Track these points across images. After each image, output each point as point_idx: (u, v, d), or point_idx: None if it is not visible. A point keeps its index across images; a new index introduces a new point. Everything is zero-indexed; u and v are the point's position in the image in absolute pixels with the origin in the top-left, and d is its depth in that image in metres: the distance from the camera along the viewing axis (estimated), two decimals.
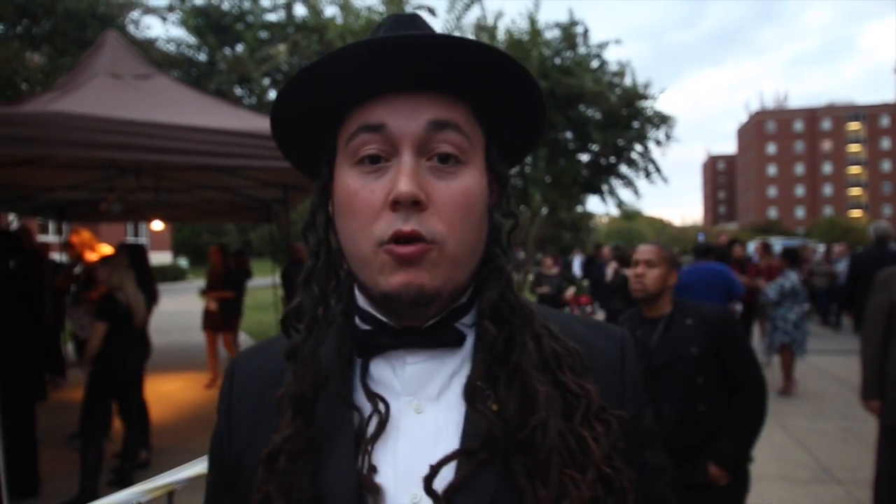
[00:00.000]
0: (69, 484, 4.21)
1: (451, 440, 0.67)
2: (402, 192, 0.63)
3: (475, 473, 0.65)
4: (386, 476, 0.66)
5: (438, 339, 0.71)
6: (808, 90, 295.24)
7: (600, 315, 10.92)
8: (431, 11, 9.57)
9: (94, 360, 4.33)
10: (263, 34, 9.78)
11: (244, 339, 10.77)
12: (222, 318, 7.74)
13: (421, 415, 0.69)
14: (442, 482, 0.64)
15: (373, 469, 0.66)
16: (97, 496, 4.11)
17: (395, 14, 0.74)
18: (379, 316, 0.72)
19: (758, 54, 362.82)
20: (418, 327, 0.71)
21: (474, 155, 0.70)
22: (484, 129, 0.73)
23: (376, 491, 0.65)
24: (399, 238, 0.64)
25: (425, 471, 0.65)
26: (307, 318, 0.71)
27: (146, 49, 8.89)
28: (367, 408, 0.70)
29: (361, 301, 0.75)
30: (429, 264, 0.65)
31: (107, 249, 6.08)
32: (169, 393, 7.37)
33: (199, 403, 7.00)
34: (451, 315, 0.72)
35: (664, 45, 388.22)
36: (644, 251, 2.69)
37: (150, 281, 5.48)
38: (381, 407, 0.69)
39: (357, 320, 0.75)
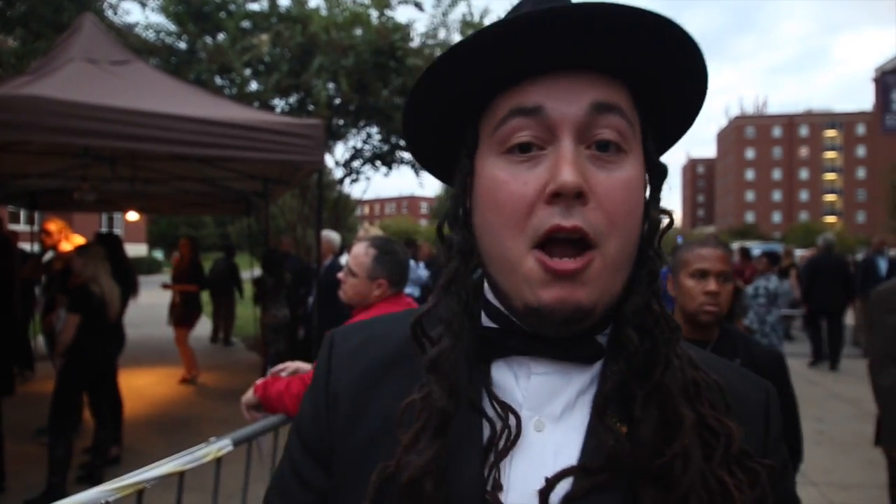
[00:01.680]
0: (36, 480, 4.09)
1: (569, 464, 0.60)
2: (566, 182, 0.55)
3: (594, 496, 0.57)
4: (503, 496, 0.60)
5: (574, 351, 0.63)
6: (783, 99, 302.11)
7: None
8: (418, 6, 9.51)
9: (65, 353, 4.21)
10: (246, 23, 9.62)
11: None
12: (182, 313, 7.60)
13: (541, 433, 0.62)
14: (556, 499, 0.58)
15: (498, 486, 0.60)
16: (65, 493, 4.00)
17: None
18: (510, 315, 0.65)
19: (735, 62, 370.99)
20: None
21: (635, 143, 0.62)
22: (642, 113, 0.65)
23: None
24: (558, 233, 0.56)
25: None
26: (453, 326, 0.62)
27: (124, 35, 8.71)
28: (493, 418, 0.63)
29: (491, 296, 0.67)
30: (591, 277, 0.58)
31: (79, 240, 5.94)
32: (141, 387, 7.22)
33: (173, 399, 6.88)
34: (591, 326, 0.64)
35: None
36: (715, 258, 1.93)
37: (129, 272, 5.37)
38: (512, 420, 0.61)
39: (483, 317, 0.68)
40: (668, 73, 0.62)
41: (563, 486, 0.58)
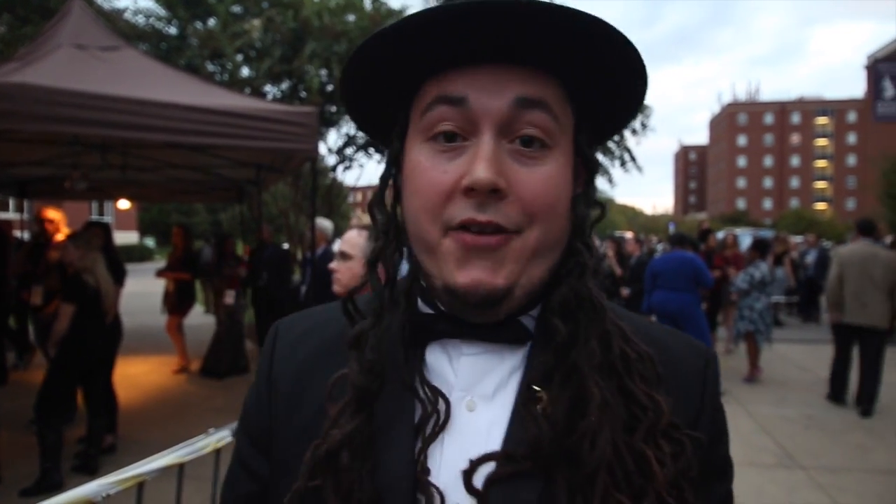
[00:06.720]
0: (31, 469, 4.09)
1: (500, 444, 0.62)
2: (479, 179, 0.56)
3: (515, 480, 0.58)
4: (433, 478, 0.61)
5: (501, 334, 0.64)
6: (765, 89, 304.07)
7: None
8: None
9: (60, 343, 4.20)
10: (237, 8, 9.52)
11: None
12: (175, 301, 7.60)
13: (473, 413, 0.63)
14: (480, 479, 0.59)
15: (425, 471, 0.61)
16: (60, 478, 4.02)
17: None
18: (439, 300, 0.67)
19: (714, 54, 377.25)
20: None
21: (562, 138, 0.62)
22: (574, 108, 0.65)
23: (430, 494, 0.60)
24: (472, 226, 0.57)
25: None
26: (375, 302, 0.65)
27: (113, 20, 8.60)
28: (425, 401, 0.64)
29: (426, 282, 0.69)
30: (507, 258, 0.58)
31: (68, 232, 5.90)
32: (136, 376, 7.21)
33: (168, 388, 6.87)
34: (517, 309, 0.65)
35: None
36: None
37: (116, 261, 5.34)
38: (441, 405, 0.63)
39: (420, 303, 0.69)
40: (599, 69, 0.62)
41: (488, 467, 0.59)
